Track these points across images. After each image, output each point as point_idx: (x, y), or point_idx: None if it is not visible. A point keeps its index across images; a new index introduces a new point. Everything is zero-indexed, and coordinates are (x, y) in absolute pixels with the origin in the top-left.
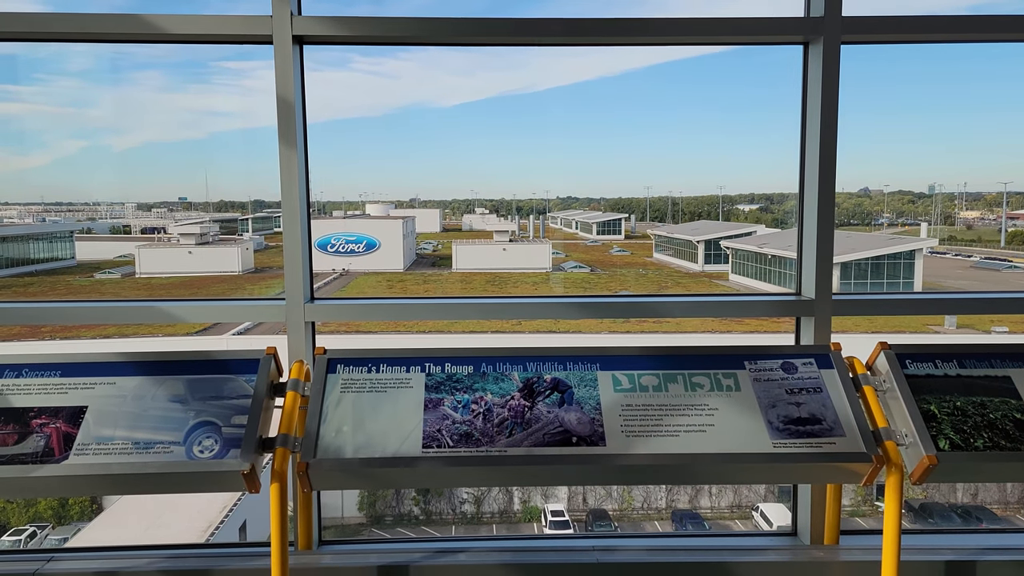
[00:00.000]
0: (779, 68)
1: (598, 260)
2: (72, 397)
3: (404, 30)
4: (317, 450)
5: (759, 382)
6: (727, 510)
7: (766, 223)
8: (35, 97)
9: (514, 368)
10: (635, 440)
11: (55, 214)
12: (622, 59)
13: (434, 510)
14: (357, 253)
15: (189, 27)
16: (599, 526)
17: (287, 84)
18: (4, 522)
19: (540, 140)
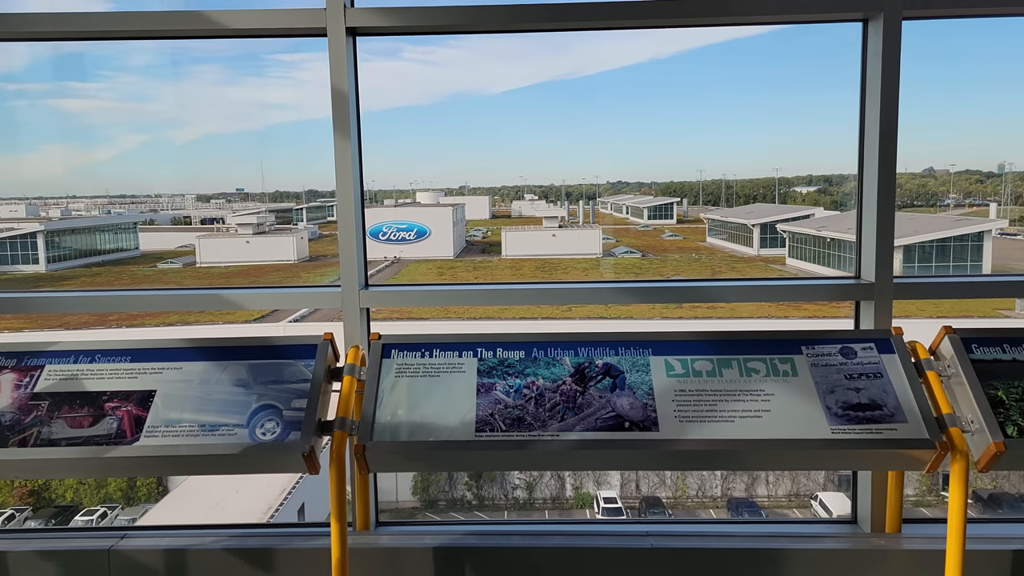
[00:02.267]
0: (836, 46)
1: (649, 245)
2: (142, 381)
3: (455, 19)
4: (373, 433)
5: (817, 367)
6: (785, 499)
7: (825, 205)
8: (100, 93)
9: (565, 353)
10: (689, 425)
11: (119, 206)
12: (673, 41)
13: (486, 495)
14: (408, 241)
15: (247, 22)
16: (652, 513)
17: (341, 75)
18: (77, 503)
19: (589, 125)
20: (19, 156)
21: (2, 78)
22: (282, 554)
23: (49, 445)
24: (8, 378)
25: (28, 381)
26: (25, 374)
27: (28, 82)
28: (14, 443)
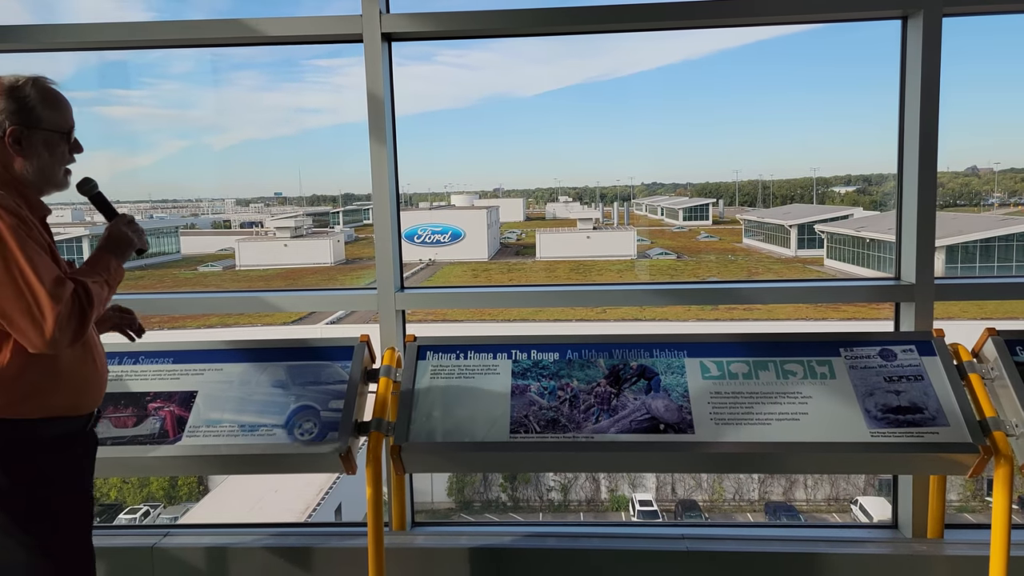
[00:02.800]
0: (875, 44)
1: (685, 247)
2: (184, 382)
3: (489, 23)
4: (409, 434)
5: (855, 369)
6: (823, 503)
7: (864, 205)
8: (143, 100)
9: (600, 355)
10: (725, 428)
11: (161, 211)
12: (706, 42)
13: (521, 497)
14: (443, 243)
15: (285, 29)
16: (689, 516)
17: (377, 80)
18: (121, 501)
19: (624, 126)
20: None
21: None
22: (319, 553)
23: None
24: None
25: None
26: None
27: (74, 90)
28: None
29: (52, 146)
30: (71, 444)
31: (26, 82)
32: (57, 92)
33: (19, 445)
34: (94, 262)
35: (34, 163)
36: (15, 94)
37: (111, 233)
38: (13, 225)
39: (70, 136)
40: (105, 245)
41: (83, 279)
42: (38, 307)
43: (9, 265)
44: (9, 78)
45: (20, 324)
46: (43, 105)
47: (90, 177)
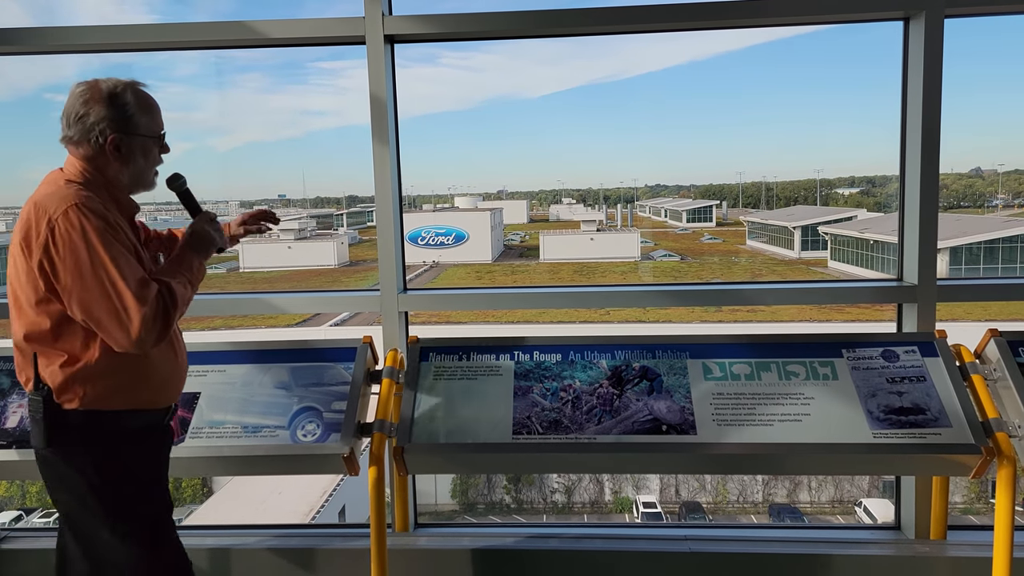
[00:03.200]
0: (880, 45)
1: (688, 248)
2: (187, 384)
3: (492, 25)
4: (412, 435)
5: (858, 370)
6: (827, 505)
7: (868, 207)
8: None
9: (602, 356)
10: (727, 429)
11: (166, 213)
12: (711, 43)
13: (525, 499)
14: (446, 245)
15: (288, 31)
16: (692, 518)
17: (379, 82)
18: None
19: (628, 128)
20: None
21: (52, 89)
22: (322, 554)
23: None
24: None
25: None
26: None
27: None
28: None
29: (147, 151)
30: (151, 435)
31: (124, 88)
32: (150, 96)
33: (106, 436)
34: (178, 261)
35: (130, 168)
36: (115, 101)
37: (195, 231)
38: (99, 228)
39: (162, 139)
40: (189, 243)
41: (167, 279)
42: (124, 309)
43: (96, 268)
44: (107, 84)
45: (107, 325)
46: (140, 111)
47: (179, 173)
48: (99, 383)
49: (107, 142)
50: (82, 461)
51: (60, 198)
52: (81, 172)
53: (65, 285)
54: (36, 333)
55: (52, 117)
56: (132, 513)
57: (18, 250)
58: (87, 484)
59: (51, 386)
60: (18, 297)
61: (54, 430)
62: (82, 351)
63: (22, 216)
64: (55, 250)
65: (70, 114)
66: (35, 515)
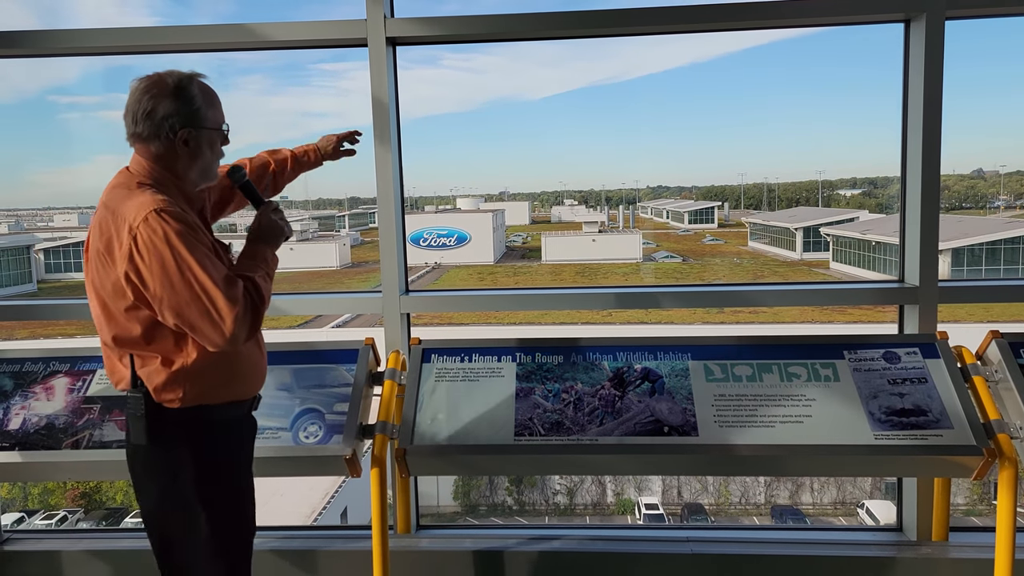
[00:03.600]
0: (881, 46)
1: (690, 250)
2: None
3: (494, 27)
4: (414, 437)
5: (859, 372)
6: (830, 506)
7: (869, 208)
8: None
9: (604, 357)
10: (729, 430)
11: None
12: (713, 45)
13: (527, 500)
14: (449, 247)
15: (290, 33)
16: (694, 520)
17: (381, 85)
18: (127, 505)
19: (629, 129)
20: (73, 167)
21: (55, 91)
22: (324, 556)
23: (101, 447)
24: (62, 382)
25: (81, 385)
26: (78, 378)
27: (81, 95)
28: (67, 445)
29: (212, 143)
30: (241, 425)
31: (189, 81)
32: (211, 88)
33: (203, 430)
34: (252, 254)
35: (198, 162)
36: (183, 95)
37: (262, 223)
38: (181, 231)
39: (225, 131)
40: (259, 236)
41: (250, 275)
42: (216, 309)
43: (183, 273)
44: (172, 77)
45: (200, 327)
46: (206, 104)
47: (238, 165)
48: (197, 382)
49: (177, 136)
50: (181, 455)
51: (138, 204)
52: (150, 171)
53: (155, 293)
54: (127, 338)
55: (57, 120)
56: (224, 502)
57: (99, 257)
58: (184, 476)
59: (150, 386)
60: (105, 303)
61: (155, 427)
62: (176, 352)
63: (97, 222)
64: (140, 259)
65: (137, 111)
66: (37, 517)
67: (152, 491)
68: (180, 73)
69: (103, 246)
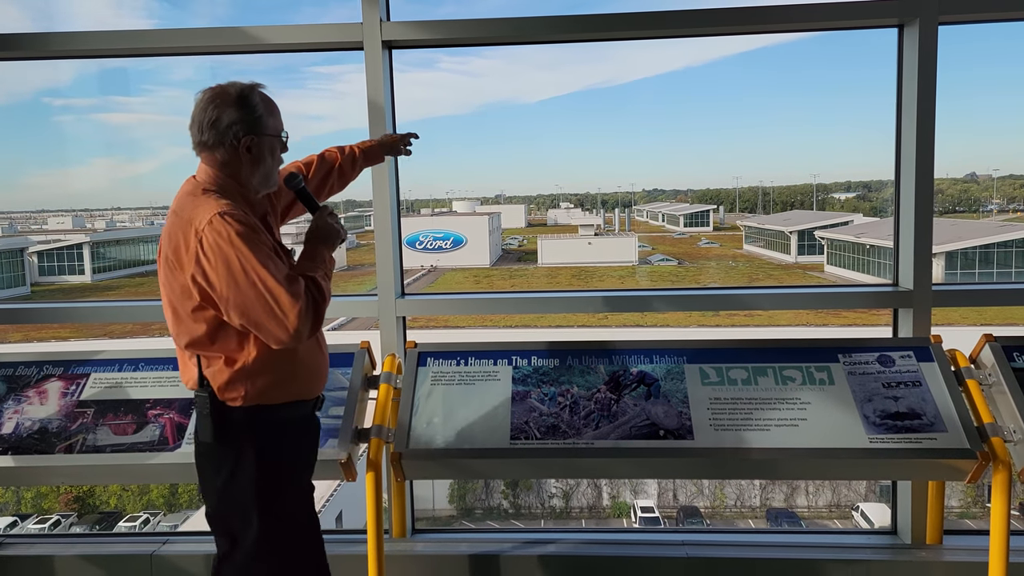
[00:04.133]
0: (873, 49)
1: (686, 253)
2: (183, 389)
3: (490, 31)
4: (409, 441)
5: (854, 375)
6: (825, 509)
7: (864, 212)
8: (143, 107)
9: (600, 361)
10: (724, 434)
11: (162, 217)
12: (708, 48)
13: (523, 503)
14: (444, 250)
15: (285, 37)
16: (690, 523)
17: (377, 88)
18: (121, 509)
19: (625, 133)
20: (67, 169)
21: (50, 93)
22: None
23: (94, 452)
24: (55, 386)
25: (74, 389)
26: (72, 382)
27: (74, 97)
28: (60, 449)
29: (273, 150)
30: (304, 425)
31: (251, 90)
32: (271, 97)
33: (267, 428)
34: (311, 255)
35: (260, 168)
36: (245, 103)
37: (319, 226)
38: (245, 234)
39: (284, 139)
40: (316, 238)
41: (311, 274)
42: (280, 308)
43: (248, 273)
44: (234, 87)
45: (265, 325)
46: (267, 112)
47: (296, 172)
48: (258, 380)
49: (240, 143)
50: (247, 452)
51: (203, 209)
52: (215, 179)
53: (221, 293)
54: (195, 339)
55: (51, 122)
56: (280, 501)
57: (168, 263)
58: (244, 474)
59: (214, 386)
60: (175, 307)
61: (220, 425)
62: (238, 351)
63: (167, 229)
64: (206, 261)
65: (202, 120)
66: (30, 521)
67: (215, 488)
68: (242, 84)
69: (171, 251)
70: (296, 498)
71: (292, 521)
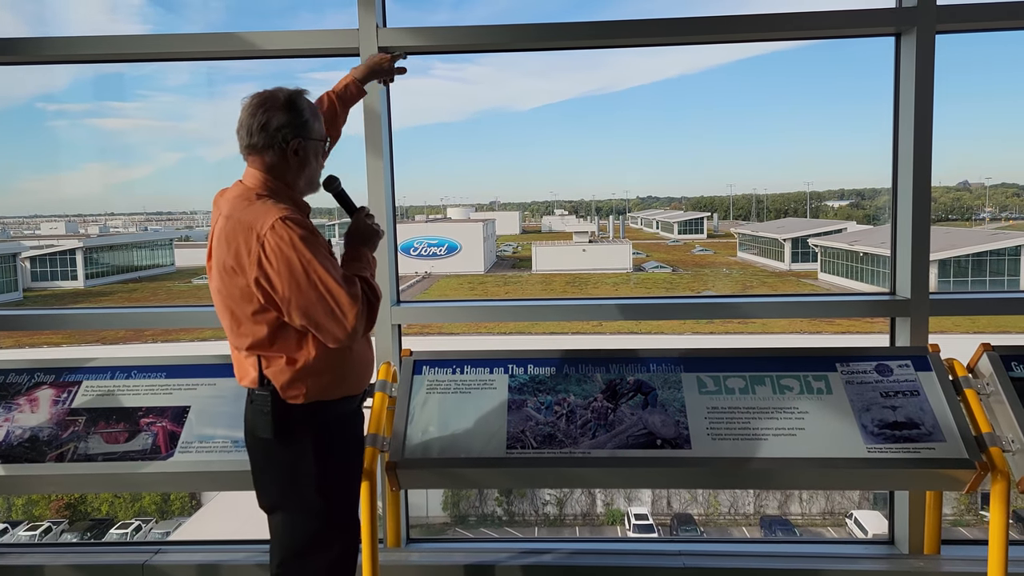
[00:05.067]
0: (865, 58)
1: (680, 260)
2: (176, 397)
3: (484, 37)
4: (405, 450)
5: (852, 384)
6: (819, 517)
7: (857, 219)
8: (138, 112)
9: (596, 370)
10: (721, 443)
11: (156, 223)
12: (703, 56)
13: (517, 511)
14: (439, 256)
15: (282, 43)
16: (684, 531)
17: (373, 95)
18: (112, 516)
19: (619, 140)
20: (60, 175)
21: (44, 99)
22: None
23: (86, 460)
24: (47, 393)
25: (66, 396)
26: (63, 390)
27: (68, 102)
28: (51, 458)
29: (317, 153)
30: (354, 417)
31: (298, 95)
32: (314, 103)
33: (323, 423)
34: (357, 256)
35: (307, 171)
36: (293, 107)
37: (360, 228)
38: (305, 236)
39: (327, 143)
40: (358, 240)
41: (363, 275)
42: (339, 307)
43: (309, 275)
44: (283, 92)
45: (325, 324)
46: (313, 117)
47: (335, 176)
48: (320, 378)
49: (288, 146)
50: (304, 447)
51: (263, 214)
52: (264, 183)
53: (283, 295)
54: (257, 341)
55: (45, 127)
56: (339, 487)
57: (225, 268)
58: (306, 466)
59: (276, 384)
60: (233, 312)
61: (281, 422)
62: (297, 351)
63: (224, 233)
64: (269, 264)
65: (251, 124)
66: (20, 528)
67: (276, 482)
68: (289, 89)
69: (231, 256)
70: (351, 488)
71: (349, 511)
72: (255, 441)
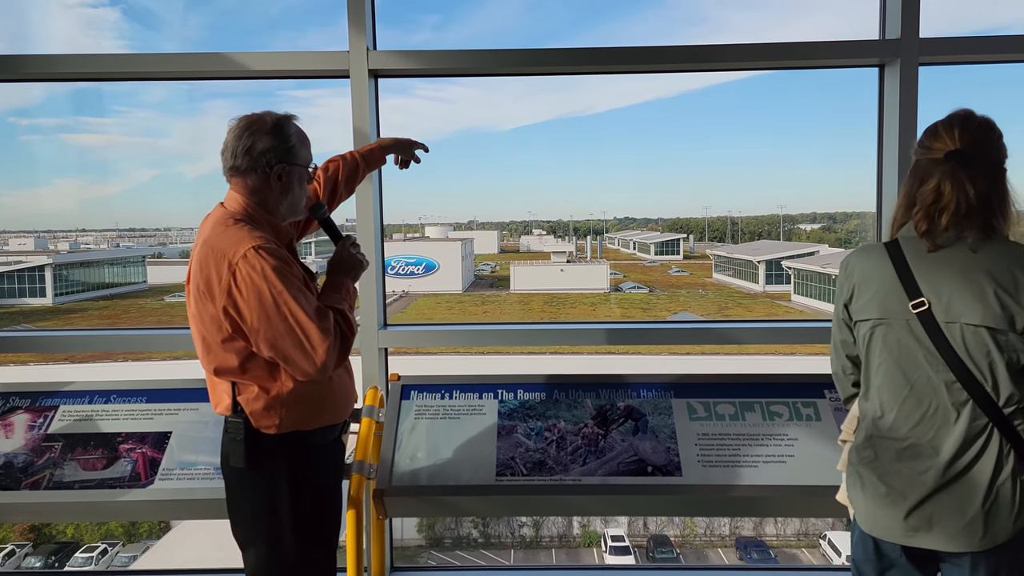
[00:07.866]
0: (839, 84)
1: (656, 280)
2: (157, 423)
3: (470, 62)
4: (392, 477)
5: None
6: (793, 538)
7: (829, 242)
8: (114, 128)
9: (586, 395)
10: (712, 470)
11: (129, 240)
12: (679, 80)
13: (493, 533)
14: (417, 275)
15: (272, 64)
16: (660, 552)
17: (363, 116)
18: (78, 539)
19: (597, 161)
20: (32, 190)
21: (16, 113)
22: None
23: (62, 488)
24: (22, 419)
25: (42, 422)
26: (39, 414)
27: (42, 117)
28: (26, 485)
29: (301, 180)
30: (332, 448)
31: (286, 121)
32: (302, 129)
33: (298, 454)
34: (336, 287)
35: (289, 197)
36: (280, 132)
37: (343, 257)
38: (277, 267)
39: (313, 170)
40: (340, 269)
41: (339, 307)
42: (309, 341)
43: (279, 307)
44: (271, 116)
45: (294, 357)
46: (299, 143)
47: (321, 203)
48: (293, 409)
49: (272, 171)
50: (278, 476)
51: (236, 241)
52: (244, 207)
53: (252, 326)
54: (225, 368)
55: (18, 142)
56: (315, 523)
57: (199, 293)
58: (280, 499)
59: (248, 413)
60: (204, 337)
61: (253, 451)
62: (271, 381)
63: (198, 259)
64: (238, 293)
65: (236, 146)
66: None
67: (247, 514)
68: (277, 114)
69: (203, 282)
70: (329, 520)
71: (326, 544)
72: (229, 471)
